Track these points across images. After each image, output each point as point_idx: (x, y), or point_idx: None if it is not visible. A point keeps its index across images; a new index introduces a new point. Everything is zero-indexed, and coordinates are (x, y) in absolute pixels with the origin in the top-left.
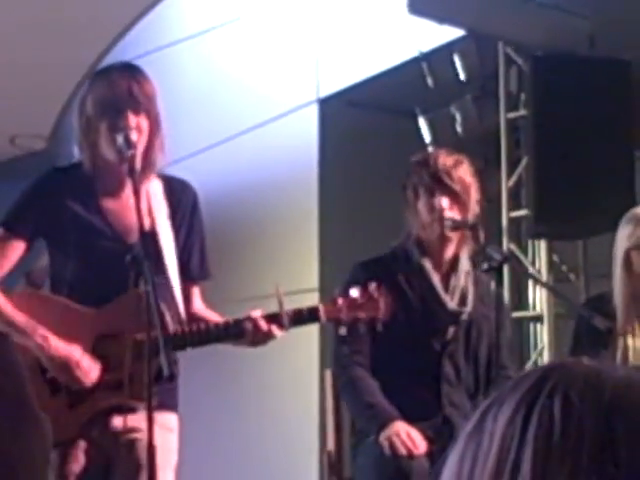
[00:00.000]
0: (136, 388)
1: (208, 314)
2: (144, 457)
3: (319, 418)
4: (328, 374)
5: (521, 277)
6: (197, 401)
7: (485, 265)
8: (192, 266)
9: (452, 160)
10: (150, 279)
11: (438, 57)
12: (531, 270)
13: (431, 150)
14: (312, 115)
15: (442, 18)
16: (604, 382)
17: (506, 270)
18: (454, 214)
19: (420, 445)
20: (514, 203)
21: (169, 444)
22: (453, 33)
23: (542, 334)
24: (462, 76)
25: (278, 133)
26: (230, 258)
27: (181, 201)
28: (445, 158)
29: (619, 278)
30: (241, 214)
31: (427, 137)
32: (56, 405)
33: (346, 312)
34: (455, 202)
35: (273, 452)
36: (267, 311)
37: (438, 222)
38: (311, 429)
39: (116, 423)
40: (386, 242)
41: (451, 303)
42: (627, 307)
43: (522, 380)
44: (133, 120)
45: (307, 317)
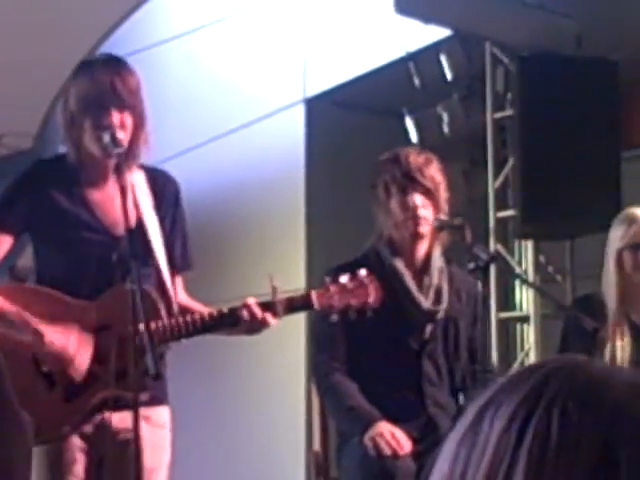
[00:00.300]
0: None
1: (192, 304)
2: (147, 461)
3: (306, 418)
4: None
5: (508, 278)
6: (184, 401)
7: (472, 265)
8: (175, 256)
9: (423, 158)
10: (137, 278)
11: (425, 57)
12: (518, 270)
13: (399, 149)
14: (299, 115)
15: (429, 18)
16: (608, 392)
17: (493, 270)
18: (428, 212)
19: (405, 445)
20: (501, 203)
21: (161, 442)
22: (440, 33)
23: (529, 334)
24: (449, 76)
25: (265, 133)
26: (216, 258)
27: (165, 192)
28: (416, 156)
29: (611, 278)
30: (227, 214)
31: (414, 137)
32: (52, 399)
33: (338, 298)
34: (428, 200)
35: (260, 452)
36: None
37: (412, 220)
38: (298, 429)
39: (113, 422)
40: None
41: (425, 302)
42: (618, 308)
43: (522, 379)
44: (117, 117)
45: (300, 304)
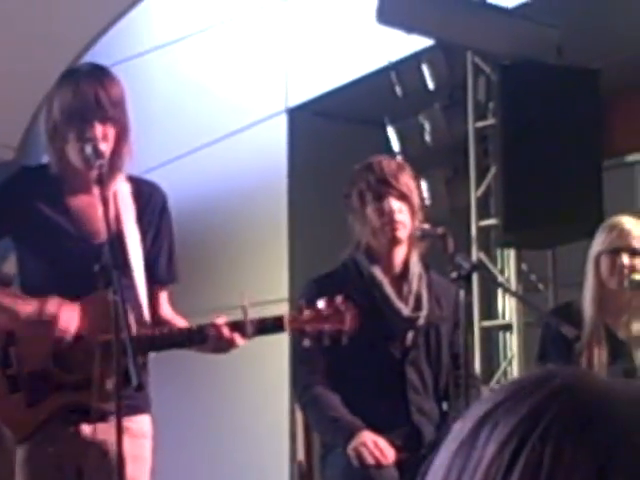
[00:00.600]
0: (100, 390)
1: (175, 320)
2: (129, 472)
3: (289, 428)
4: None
5: (490, 286)
6: (168, 413)
7: (454, 274)
8: (159, 269)
9: (395, 164)
10: (119, 289)
11: (406, 67)
12: (500, 279)
13: (371, 158)
14: (281, 125)
15: (410, 28)
16: (607, 420)
17: (475, 279)
18: (404, 217)
19: (388, 454)
20: (483, 212)
21: (142, 451)
22: (421, 43)
23: (512, 343)
24: (430, 85)
25: (247, 143)
26: (199, 268)
27: (149, 204)
28: (389, 163)
29: (589, 284)
30: (210, 224)
31: (396, 146)
32: (14, 403)
33: (311, 323)
34: (403, 204)
35: (244, 462)
36: (232, 319)
37: (389, 225)
38: (282, 439)
39: (86, 431)
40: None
41: (405, 309)
42: (594, 315)
43: (523, 396)
44: (99, 129)
45: (271, 326)
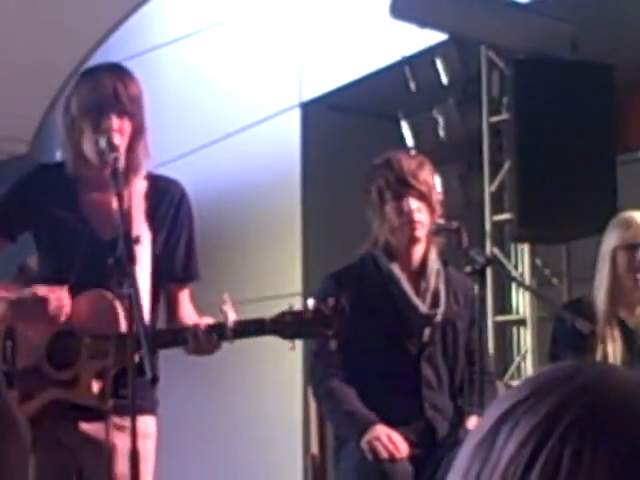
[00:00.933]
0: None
1: (193, 320)
2: (120, 468)
3: (303, 422)
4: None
5: (504, 281)
6: (181, 406)
7: (468, 268)
8: (175, 267)
9: (415, 162)
10: (134, 282)
11: (420, 61)
12: (514, 274)
13: (390, 153)
14: (294, 119)
15: (424, 22)
16: (630, 422)
17: (489, 274)
18: (423, 216)
19: (402, 448)
20: (497, 207)
21: (146, 452)
22: (435, 37)
23: (525, 338)
24: (444, 80)
25: (260, 137)
26: (212, 262)
27: (163, 199)
28: (408, 160)
29: (604, 278)
30: (224, 218)
31: (410, 141)
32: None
33: (292, 327)
34: (422, 203)
35: (257, 456)
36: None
37: (408, 225)
38: (295, 433)
39: (90, 431)
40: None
41: (423, 306)
42: (608, 309)
43: (545, 394)
44: (116, 122)
45: (252, 329)
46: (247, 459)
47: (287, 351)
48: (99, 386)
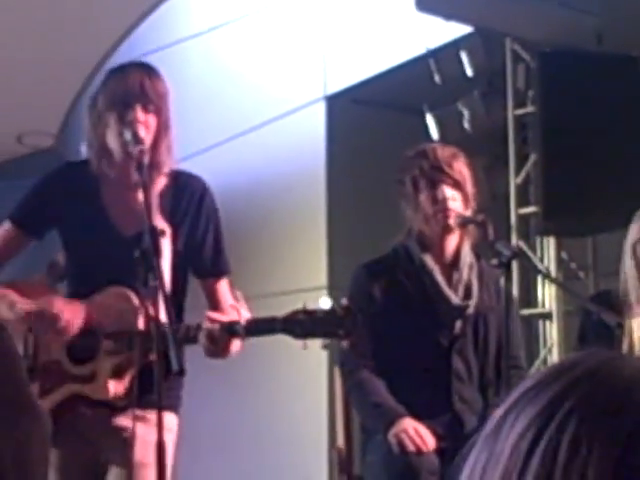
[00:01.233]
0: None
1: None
2: (137, 455)
3: (328, 415)
4: (337, 371)
5: (530, 274)
6: (206, 399)
7: (494, 261)
8: (204, 263)
9: (450, 152)
10: (160, 274)
11: (445, 54)
12: (540, 267)
13: (424, 144)
14: (319, 112)
15: (449, 15)
16: (628, 411)
17: (515, 267)
18: (457, 205)
19: (429, 441)
20: (522, 200)
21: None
22: (460, 30)
23: (551, 331)
24: (469, 73)
25: (285, 131)
26: (238, 256)
27: (184, 194)
28: (443, 150)
29: (627, 271)
30: (249, 212)
31: (434, 134)
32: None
33: (304, 326)
34: (457, 192)
35: (282, 449)
36: (255, 314)
37: (442, 213)
38: (320, 426)
39: (111, 422)
40: (390, 241)
41: (455, 298)
42: (634, 301)
43: (546, 384)
44: (142, 115)
45: (263, 327)
46: (272, 453)
47: (312, 344)
48: (116, 382)
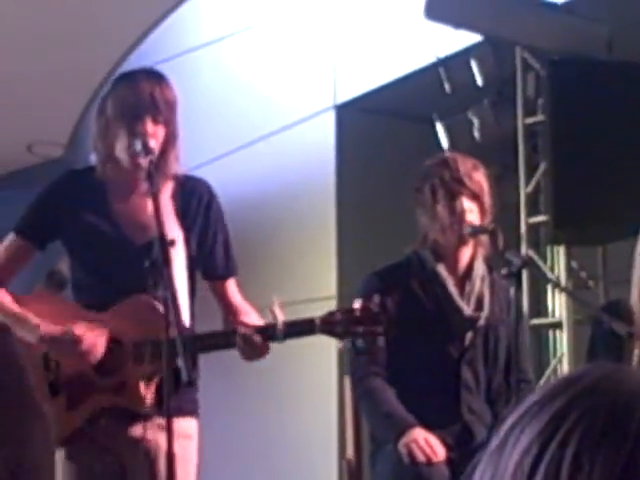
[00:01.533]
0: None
1: (239, 309)
2: (160, 467)
3: (338, 425)
4: (347, 381)
5: (540, 284)
6: (216, 409)
7: (504, 270)
8: (217, 266)
9: (471, 164)
10: (170, 285)
11: (455, 62)
12: (550, 276)
13: (446, 153)
14: (329, 122)
15: (459, 23)
16: (630, 426)
17: (525, 276)
18: (474, 217)
19: (439, 452)
20: (532, 209)
21: (187, 453)
22: (470, 38)
23: (561, 341)
24: (479, 81)
25: (295, 140)
26: (247, 266)
27: (192, 198)
28: (464, 161)
29: (636, 280)
30: (258, 222)
31: (445, 143)
32: (55, 406)
33: (342, 325)
34: (475, 205)
35: (292, 459)
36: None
37: (459, 224)
38: (330, 436)
39: (129, 430)
40: (404, 249)
41: (467, 309)
42: None
43: (550, 399)
44: (151, 127)
45: (302, 329)
46: (282, 463)
47: (321, 354)
48: (146, 391)
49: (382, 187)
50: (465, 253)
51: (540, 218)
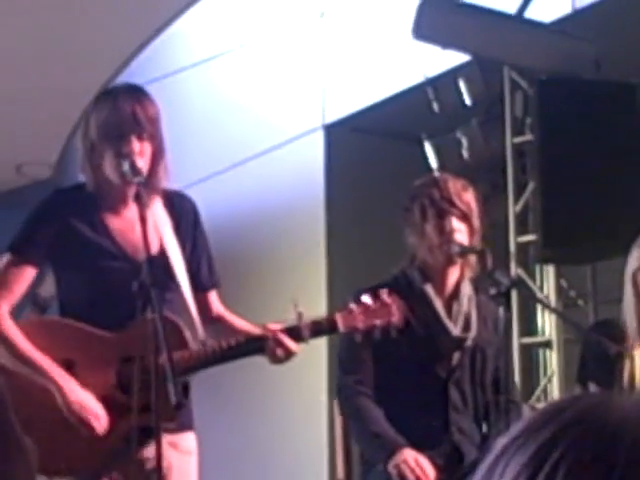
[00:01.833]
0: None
1: (229, 317)
2: None
3: (328, 446)
4: (337, 402)
5: (529, 303)
6: (206, 429)
7: (493, 290)
8: (202, 277)
9: (460, 184)
10: (158, 307)
11: (443, 82)
12: (539, 295)
13: (436, 174)
14: (318, 141)
15: (447, 43)
16: (616, 456)
17: (514, 295)
18: (463, 237)
19: (429, 472)
20: (521, 228)
21: (188, 468)
22: (458, 58)
23: (551, 360)
24: (467, 101)
25: (284, 159)
26: (236, 285)
27: (182, 213)
28: (454, 181)
29: (627, 300)
30: (248, 241)
31: (433, 162)
32: (77, 437)
33: (362, 319)
34: (464, 225)
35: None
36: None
37: (447, 244)
38: (320, 457)
39: (145, 453)
40: (392, 268)
41: (455, 329)
42: (636, 330)
43: (536, 430)
44: (137, 145)
45: (325, 328)
46: None
47: (311, 374)
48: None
49: (371, 206)
50: (453, 273)
51: (529, 237)
